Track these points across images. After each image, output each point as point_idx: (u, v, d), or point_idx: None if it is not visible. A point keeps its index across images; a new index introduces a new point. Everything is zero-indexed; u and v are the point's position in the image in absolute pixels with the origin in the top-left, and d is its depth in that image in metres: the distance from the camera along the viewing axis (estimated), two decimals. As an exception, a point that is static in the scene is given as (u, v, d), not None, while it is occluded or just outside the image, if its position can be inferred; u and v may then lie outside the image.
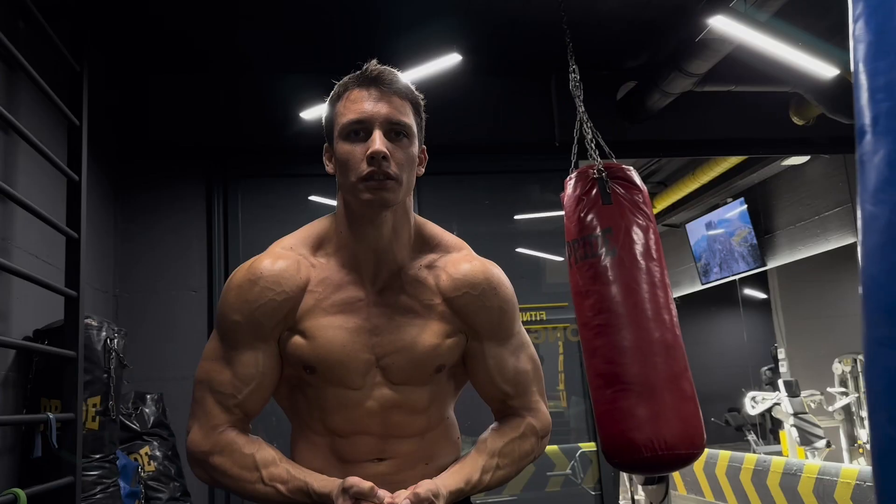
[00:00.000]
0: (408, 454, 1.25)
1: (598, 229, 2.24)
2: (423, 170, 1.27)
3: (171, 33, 3.43)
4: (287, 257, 1.23)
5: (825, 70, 3.41)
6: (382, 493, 1.13)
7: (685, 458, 2.12)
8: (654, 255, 2.23)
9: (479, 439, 1.31)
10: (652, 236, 2.25)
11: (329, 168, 1.25)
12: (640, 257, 2.20)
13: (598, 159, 2.39)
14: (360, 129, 1.16)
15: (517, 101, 3.98)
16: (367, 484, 1.12)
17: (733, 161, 5.20)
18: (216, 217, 3.70)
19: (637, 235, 2.21)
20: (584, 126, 2.59)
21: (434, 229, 1.32)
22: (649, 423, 2.09)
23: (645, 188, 2.33)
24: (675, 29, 3.46)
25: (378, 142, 1.14)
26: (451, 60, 3.34)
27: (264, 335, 1.21)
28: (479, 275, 1.26)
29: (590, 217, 2.27)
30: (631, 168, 2.34)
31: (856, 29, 0.89)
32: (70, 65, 2.71)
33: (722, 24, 2.96)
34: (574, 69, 2.66)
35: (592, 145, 2.55)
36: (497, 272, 1.29)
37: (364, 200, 1.16)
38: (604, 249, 2.22)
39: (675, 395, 2.12)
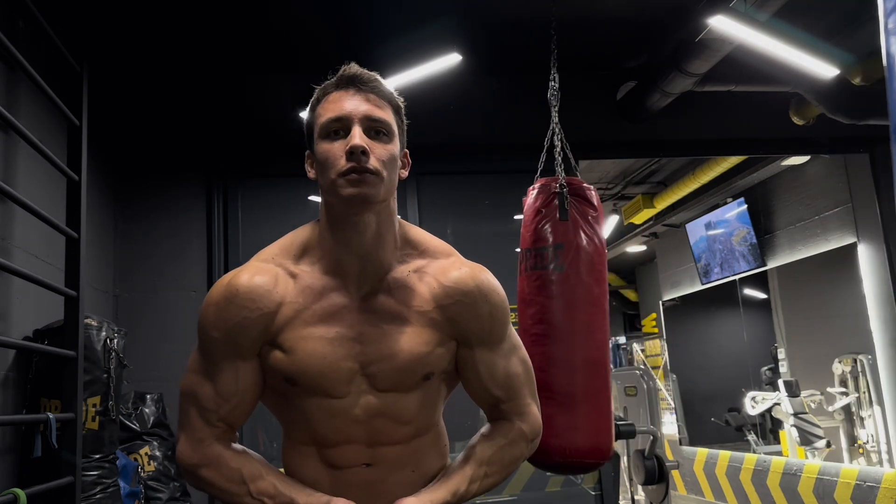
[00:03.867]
0: (395, 460, 1.25)
1: (551, 243, 2.30)
2: (407, 173, 1.25)
3: (171, 33, 3.43)
4: (265, 272, 1.21)
5: (825, 70, 3.41)
6: None
7: (591, 466, 2.30)
8: (598, 276, 2.31)
9: (469, 445, 1.31)
10: (599, 257, 2.32)
11: (311, 174, 1.23)
12: (584, 276, 2.27)
13: (563, 174, 2.42)
14: (339, 128, 1.15)
15: (517, 101, 3.98)
16: None
17: (733, 161, 5.20)
18: (216, 217, 3.70)
19: (585, 254, 2.28)
20: (555, 137, 2.62)
21: (419, 233, 1.30)
22: (565, 432, 2.22)
23: (601, 208, 2.39)
24: (675, 29, 3.46)
25: (357, 137, 1.13)
26: (450, 60, 3.34)
27: (242, 353, 1.20)
28: (469, 282, 1.24)
29: (546, 229, 2.32)
30: (591, 187, 2.40)
31: (889, 22, 0.89)
32: (70, 65, 2.71)
33: (722, 24, 2.96)
34: (555, 77, 2.67)
35: (560, 158, 2.57)
36: (487, 277, 1.27)
37: (345, 196, 1.14)
38: (553, 263, 2.29)
39: (592, 408, 2.25)
